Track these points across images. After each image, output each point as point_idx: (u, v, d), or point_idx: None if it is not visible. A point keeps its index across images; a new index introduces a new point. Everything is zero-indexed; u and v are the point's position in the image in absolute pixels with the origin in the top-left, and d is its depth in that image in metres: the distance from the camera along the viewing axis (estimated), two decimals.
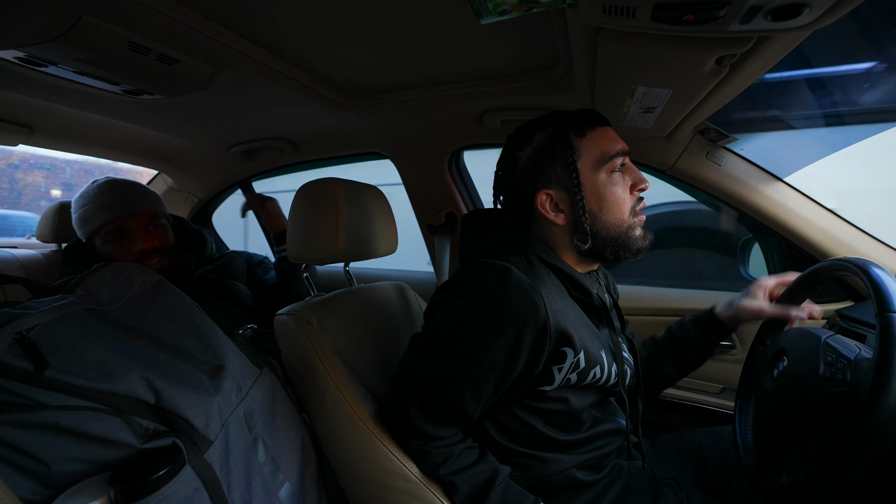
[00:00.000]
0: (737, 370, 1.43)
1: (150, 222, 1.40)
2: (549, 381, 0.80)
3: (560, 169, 0.84)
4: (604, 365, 0.83)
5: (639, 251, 0.87)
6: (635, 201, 0.87)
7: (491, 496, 0.79)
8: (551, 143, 0.85)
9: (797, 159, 1.30)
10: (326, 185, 1.05)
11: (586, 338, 0.81)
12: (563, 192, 0.85)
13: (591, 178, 0.84)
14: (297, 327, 0.95)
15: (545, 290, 0.76)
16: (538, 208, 0.86)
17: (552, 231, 0.88)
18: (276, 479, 0.85)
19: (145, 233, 1.38)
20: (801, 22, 0.53)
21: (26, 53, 0.81)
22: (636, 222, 0.87)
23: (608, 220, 0.84)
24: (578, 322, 0.81)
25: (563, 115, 0.87)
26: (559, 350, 0.77)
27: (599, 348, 0.84)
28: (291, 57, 1.03)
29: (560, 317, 0.76)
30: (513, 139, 0.90)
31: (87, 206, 1.36)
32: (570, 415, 0.86)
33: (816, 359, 0.81)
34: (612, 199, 0.84)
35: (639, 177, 0.87)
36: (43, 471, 0.62)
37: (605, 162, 0.84)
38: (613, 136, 0.87)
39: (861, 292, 1.27)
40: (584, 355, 0.79)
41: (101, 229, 1.35)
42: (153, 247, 1.37)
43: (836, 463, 0.67)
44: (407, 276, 2.12)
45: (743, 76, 0.81)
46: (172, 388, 0.72)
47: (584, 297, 0.86)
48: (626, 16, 0.59)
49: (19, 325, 0.68)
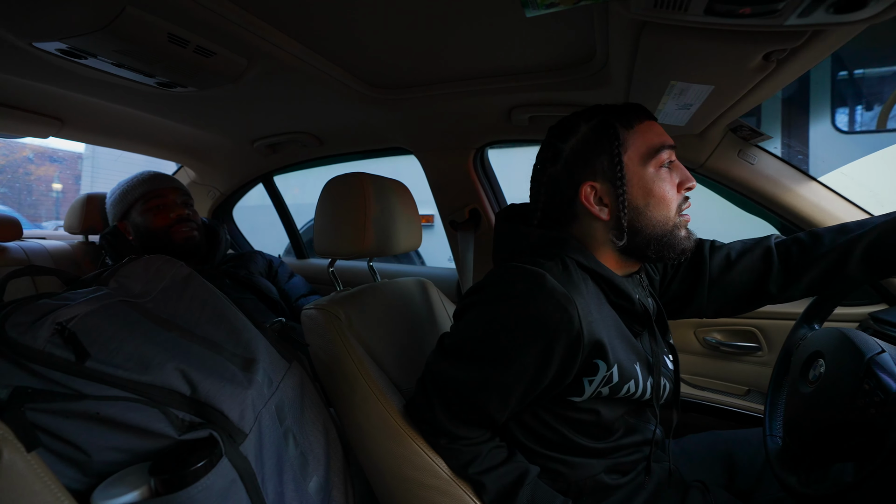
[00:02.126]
0: (762, 372, 1.42)
1: (184, 200, 1.57)
2: (579, 393, 0.78)
3: (606, 161, 0.80)
4: (638, 380, 0.80)
5: (683, 252, 0.83)
6: (681, 200, 0.83)
7: (520, 496, 0.78)
8: (597, 134, 0.81)
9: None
10: (355, 179, 1.05)
11: (621, 351, 0.78)
12: (608, 185, 0.81)
13: (637, 172, 0.80)
14: (326, 322, 0.95)
15: (580, 299, 0.73)
16: (582, 202, 0.82)
17: (593, 228, 0.84)
18: (306, 472, 0.85)
19: (179, 205, 1.53)
20: (866, 14, 0.51)
21: (69, 45, 0.82)
22: (682, 222, 0.83)
23: (654, 216, 0.81)
24: (614, 333, 0.78)
25: (608, 108, 0.84)
26: (591, 362, 0.75)
27: (634, 362, 0.80)
28: (323, 50, 1.03)
29: (595, 328, 0.73)
30: (555, 131, 0.87)
31: (129, 183, 1.52)
32: (601, 425, 0.84)
33: (854, 380, 0.77)
34: (658, 195, 0.80)
35: (686, 175, 0.84)
36: (84, 459, 0.63)
37: (653, 155, 0.80)
38: (661, 131, 0.83)
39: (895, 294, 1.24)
40: (617, 370, 0.76)
41: (140, 199, 1.50)
42: (187, 215, 1.52)
43: (881, 471, 0.65)
44: (428, 272, 2.11)
45: (787, 73, 0.79)
46: (207, 380, 0.72)
47: (625, 303, 0.83)
48: (678, 9, 0.57)
49: (59, 315, 0.69)
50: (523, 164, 1.06)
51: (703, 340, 1.51)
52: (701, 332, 1.51)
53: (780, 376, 1.01)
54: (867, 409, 0.74)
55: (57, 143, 11.86)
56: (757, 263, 0.96)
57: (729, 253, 0.99)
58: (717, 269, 0.98)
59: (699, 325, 1.51)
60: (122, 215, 1.51)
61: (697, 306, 1.02)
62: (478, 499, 0.81)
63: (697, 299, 1.00)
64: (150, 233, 1.47)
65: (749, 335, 1.45)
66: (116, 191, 1.54)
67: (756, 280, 0.97)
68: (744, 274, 0.97)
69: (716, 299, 1.00)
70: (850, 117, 2.88)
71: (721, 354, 1.49)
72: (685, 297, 1.02)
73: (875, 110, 2.83)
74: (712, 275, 0.98)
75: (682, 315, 1.06)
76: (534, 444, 0.85)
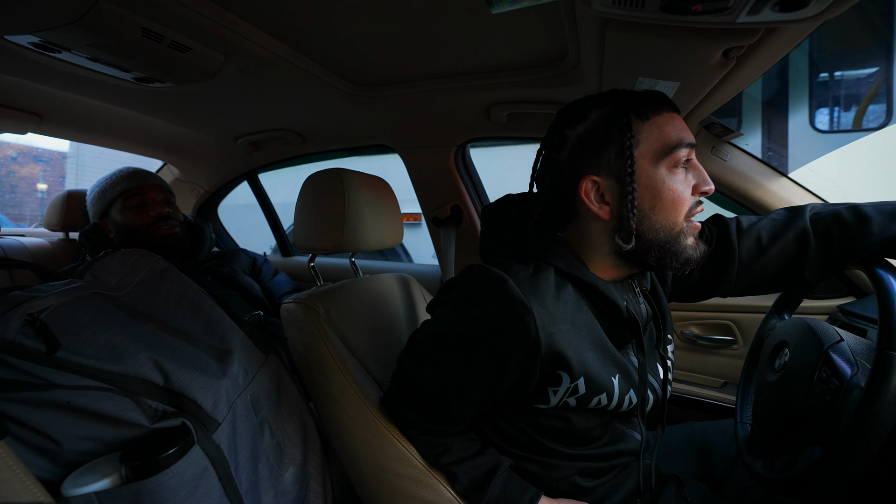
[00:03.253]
0: (738, 364, 1.45)
1: (165, 196, 1.54)
2: (544, 401, 0.75)
3: (614, 155, 0.72)
4: (612, 392, 0.75)
5: (688, 261, 0.75)
6: (694, 203, 0.75)
7: (492, 486, 0.79)
8: (607, 124, 0.73)
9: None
10: (334, 175, 1.06)
11: (594, 363, 0.73)
12: (613, 181, 0.73)
13: (647, 171, 0.72)
14: (304, 315, 0.96)
15: (540, 308, 0.68)
16: (581, 197, 0.74)
17: (591, 228, 0.77)
18: (282, 462, 0.86)
19: (160, 203, 1.52)
20: (808, 13, 0.54)
21: (41, 38, 0.82)
22: (690, 229, 0.75)
23: (659, 220, 0.73)
24: (588, 344, 0.73)
25: (626, 94, 0.75)
26: (554, 373, 0.71)
27: (611, 374, 0.75)
28: (302, 47, 1.04)
29: (556, 339, 0.69)
30: (563, 115, 0.78)
31: (108, 181, 1.51)
32: (574, 433, 0.80)
33: (813, 368, 0.80)
34: (668, 198, 0.72)
35: (704, 177, 0.75)
36: (55, 449, 0.64)
37: (668, 153, 0.71)
38: (682, 125, 0.74)
39: (863, 288, 1.28)
40: (584, 382, 0.72)
41: (119, 196, 1.48)
42: (167, 213, 1.50)
43: (833, 456, 0.68)
44: (412, 268, 2.13)
45: (749, 69, 0.81)
46: (181, 370, 0.73)
47: (611, 311, 0.77)
48: (636, 6, 0.59)
49: (31, 307, 0.70)
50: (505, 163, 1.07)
51: (681, 334, 1.54)
52: (679, 326, 1.54)
53: (751, 366, 1.04)
54: (824, 396, 0.77)
55: (41, 143, 11.69)
56: (791, 247, 0.87)
57: (760, 236, 0.89)
58: (747, 254, 0.89)
59: (677, 320, 1.54)
60: (102, 213, 1.50)
61: (724, 291, 0.94)
62: (451, 488, 0.83)
63: (724, 285, 0.93)
64: (130, 230, 1.46)
65: (725, 329, 1.48)
66: (96, 188, 1.52)
67: (790, 266, 0.88)
68: (776, 258, 0.88)
69: (744, 283, 0.92)
70: (830, 118, 2.94)
71: (698, 348, 1.52)
72: (711, 283, 0.95)
73: (853, 111, 2.89)
74: (742, 260, 0.89)
75: (706, 298, 0.99)
76: (506, 445, 0.84)
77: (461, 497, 0.82)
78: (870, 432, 0.64)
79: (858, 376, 0.75)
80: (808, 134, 2.66)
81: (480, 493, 0.79)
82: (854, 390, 0.73)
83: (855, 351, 0.80)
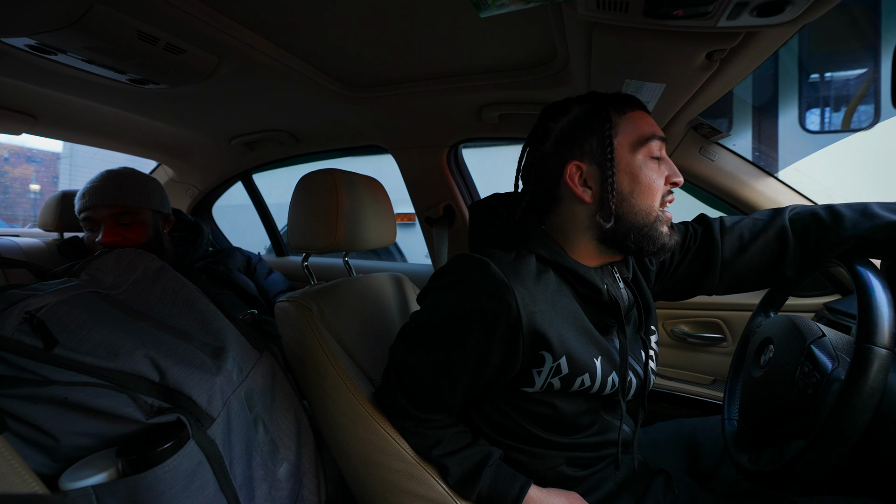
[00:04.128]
0: (726, 362, 1.46)
1: (121, 216, 1.34)
2: (530, 384, 0.78)
3: (595, 143, 0.78)
4: (594, 373, 0.79)
5: (664, 247, 0.81)
6: (666, 192, 0.81)
7: (482, 477, 0.80)
8: (589, 116, 0.79)
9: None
10: (327, 175, 1.07)
11: (575, 343, 0.77)
12: (595, 167, 0.79)
13: (626, 158, 0.78)
14: (298, 313, 0.97)
15: (521, 289, 0.72)
16: (566, 181, 0.80)
17: (574, 212, 0.82)
18: (276, 458, 0.87)
19: (111, 226, 1.33)
20: (785, 18, 0.56)
21: (37, 41, 0.83)
22: (664, 217, 0.81)
23: (637, 204, 0.79)
24: (569, 325, 0.77)
25: (603, 94, 0.82)
26: (538, 353, 0.74)
27: (594, 356, 0.79)
28: (295, 49, 1.05)
29: (537, 318, 0.73)
30: (548, 111, 0.84)
31: (77, 195, 1.37)
32: (560, 420, 0.83)
33: (796, 363, 0.82)
34: (645, 183, 0.78)
35: (675, 170, 0.82)
36: (52, 444, 0.65)
37: (643, 143, 0.78)
38: (652, 122, 0.81)
39: (848, 286, 1.30)
40: (566, 361, 0.76)
41: (79, 214, 1.35)
42: (112, 241, 1.30)
43: (813, 448, 0.70)
44: (405, 268, 2.14)
45: (733, 72, 0.83)
46: (176, 367, 0.74)
47: (592, 294, 0.81)
48: (619, 10, 0.61)
49: (29, 304, 0.71)
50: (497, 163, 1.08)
51: (671, 332, 1.56)
52: (668, 323, 1.56)
53: (738, 363, 1.06)
54: (806, 390, 0.79)
55: (34, 143, 11.61)
56: (772, 244, 0.92)
57: (742, 234, 0.95)
58: (729, 251, 0.95)
59: (667, 318, 1.56)
60: None
61: (708, 288, 0.99)
62: (443, 481, 0.84)
63: (708, 282, 0.97)
64: (89, 250, 1.39)
65: (714, 326, 1.50)
66: (76, 197, 1.40)
67: (771, 262, 0.93)
68: (757, 256, 0.93)
69: (728, 281, 0.97)
70: (820, 118, 2.98)
71: (688, 345, 1.54)
72: (695, 280, 0.99)
73: (842, 111, 2.93)
74: (725, 257, 0.95)
75: (691, 296, 1.04)
76: (495, 434, 0.86)
77: (453, 489, 0.83)
78: (848, 423, 0.66)
79: (839, 370, 0.77)
80: (798, 134, 2.69)
81: (472, 483, 0.81)
82: (834, 383, 0.75)
83: (836, 345, 0.82)
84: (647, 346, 0.91)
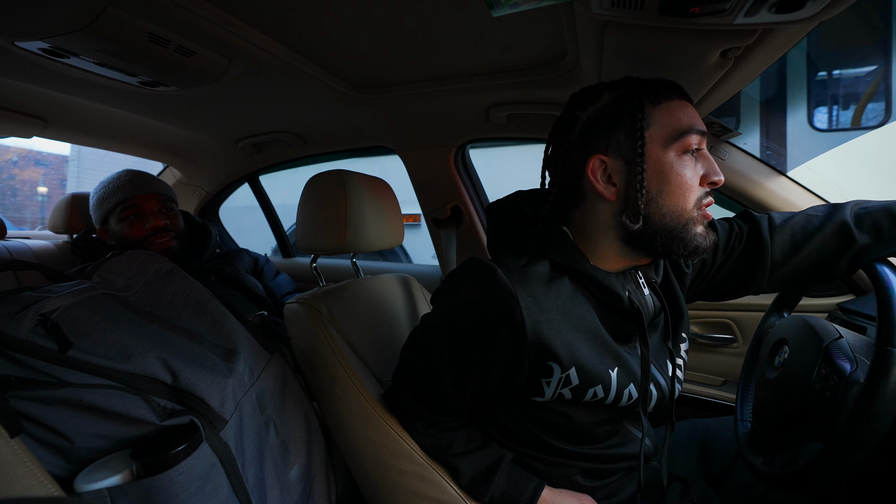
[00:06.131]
0: (737, 363, 1.45)
1: (163, 205, 1.50)
2: (539, 394, 0.75)
3: (623, 135, 0.72)
4: (609, 385, 0.74)
5: (696, 249, 0.73)
6: (703, 194, 0.74)
7: (495, 479, 0.80)
8: (619, 105, 0.72)
9: None
10: (335, 176, 1.07)
11: (586, 353, 0.72)
12: (621, 162, 0.72)
13: (656, 154, 0.71)
14: (307, 315, 0.97)
15: (528, 297, 0.69)
16: (588, 176, 0.74)
17: (597, 210, 0.76)
18: (287, 460, 0.87)
19: (157, 213, 1.48)
20: (804, 14, 0.55)
21: (51, 44, 0.84)
22: (699, 217, 0.73)
23: (666, 206, 0.72)
24: (580, 335, 0.73)
25: (639, 79, 0.75)
26: (544, 364, 0.71)
27: (608, 366, 0.74)
28: (305, 51, 1.05)
29: (545, 328, 0.69)
30: (576, 98, 0.78)
31: (106, 188, 1.47)
32: (575, 430, 0.80)
33: (812, 365, 0.81)
34: (676, 183, 0.71)
35: (714, 168, 0.74)
36: (67, 446, 0.65)
37: (678, 138, 0.71)
38: (693, 113, 0.73)
39: (862, 286, 1.29)
40: (576, 372, 0.72)
41: (116, 207, 1.45)
42: (164, 225, 1.47)
43: (832, 451, 0.69)
44: (412, 269, 2.14)
45: (747, 70, 0.82)
46: (188, 369, 0.74)
47: (612, 301, 0.76)
48: (635, 8, 0.60)
49: (43, 307, 0.71)
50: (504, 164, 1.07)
51: None
52: None
53: (751, 364, 1.05)
54: (823, 392, 0.77)
55: (42, 146, 11.72)
56: (830, 242, 0.85)
57: (794, 232, 0.88)
58: (780, 252, 0.88)
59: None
60: (101, 221, 1.50)
61: (755, 290, 0.93)
62: (455, 483, 0.83)
63: (755, 284, 0.91)
64: (127, 241, 1.45)
65: (725, 327, 1.49)
66: (96, 194, 1.50)
67: (827, 260, 0.87)
68: (813, 255, 0.87)
69: (776, 281, 0.91)
70: (829, 116, 2.95)
71: (698, 346, 1.53)
72: (741, 281, 0.93)
73: (851, 109, 2.91)
74: (775, 258, 0.88)
75: (735, 297, 0.98)
76: (507, 441, 0.85)
77: (465, 491, 0.83)
78: (868, 427, 0.65)
79: (858, 372, 0.75)
80: (807, 133, 2.67)
81: (485, 486, 0.80)
82: (853, 386, 0.74)
83: (854, 347, 0.80)
84: (674, 356, 0.85)
